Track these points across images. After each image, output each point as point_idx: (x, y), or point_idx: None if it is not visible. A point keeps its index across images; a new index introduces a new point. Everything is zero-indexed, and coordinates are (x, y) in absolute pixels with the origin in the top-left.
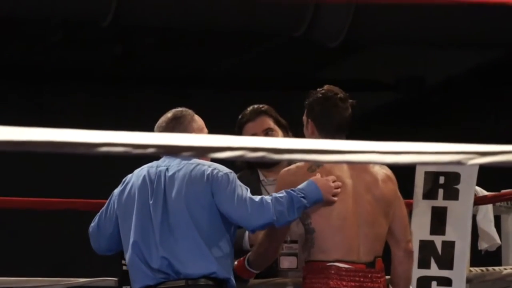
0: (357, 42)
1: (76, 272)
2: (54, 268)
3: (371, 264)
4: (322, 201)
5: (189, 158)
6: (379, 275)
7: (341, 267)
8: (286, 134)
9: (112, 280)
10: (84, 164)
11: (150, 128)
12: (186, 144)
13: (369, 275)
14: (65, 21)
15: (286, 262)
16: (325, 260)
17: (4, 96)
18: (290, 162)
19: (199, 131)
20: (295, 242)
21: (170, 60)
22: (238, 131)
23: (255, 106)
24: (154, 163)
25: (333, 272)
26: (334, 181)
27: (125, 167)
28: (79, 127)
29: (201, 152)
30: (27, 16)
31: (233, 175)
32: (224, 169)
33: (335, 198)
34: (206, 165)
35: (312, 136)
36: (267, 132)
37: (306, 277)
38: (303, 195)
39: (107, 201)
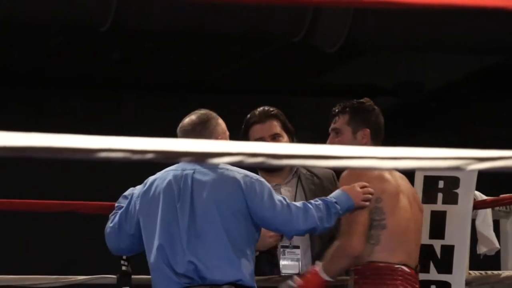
0: (356, 48)
1: (75, 270)
2: (53, 266)
3: (416, 270)
4: (353, 208)
5: None
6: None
7: (406, 271)
8: (291, 140)
9: (111, 277)
10: (84, 166)
11: (149, 133)
12: (185, 149)
13: (417, 281)
14: (64, 27)
15: (289, 268)
16: (391, 262)
17: (3, 101)
18: (292, 167)
19: (223, 134)
20: (297, 247)
21: (169, 65)
22: (245, 131)
23: (265, 108)
24: (180, 166)
25: (400, 275)
26: (362, 187)
27: (125, 169)
28: (77, 131)
29: (200, 157)
30: (26, 22)
31: (264, 181)
32: (254, 175)
33: (367, 203)
34: (236, 171)
35: (363, 146)
36: (275, 137)
37: (369, 277)
38: (335, 201)
39: (127, 202)
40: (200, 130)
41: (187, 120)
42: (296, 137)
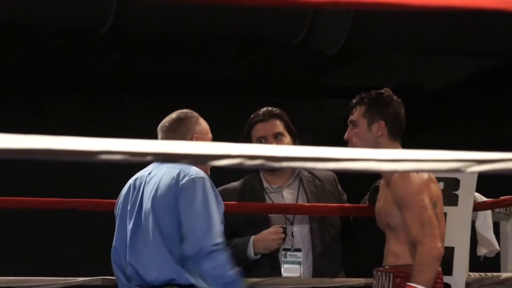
0: (356, 49)
1: (75, 271)
2: (52, 267)
3: None
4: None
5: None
6: None
7: (441, 272)
8: (294, 141)
9: (110, 279)
10: (84, 163)
11: (148, 135)
12: (185, 152)
13: None
14: (64, 28)
15: (290, 271)
16: None
17: (3, 103)
18: (294, 169)
19: (202, 134)
20: (299, 250)
21: (168, 67)
22: (247, 130)
23: (269, 108)
24: (147, 168)
25: (440, 278)
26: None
27: (124, 167)
28: (77, 133)
29: (200, 160)
30: (25, 23)
31: (201, 181)
32: (196, 174)
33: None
34: (178, 169)
35: (380, 138)
36: (277, 137)
37: None
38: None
39: None
40: (176, 128)
41: (166, 118)
42: (298, 138)
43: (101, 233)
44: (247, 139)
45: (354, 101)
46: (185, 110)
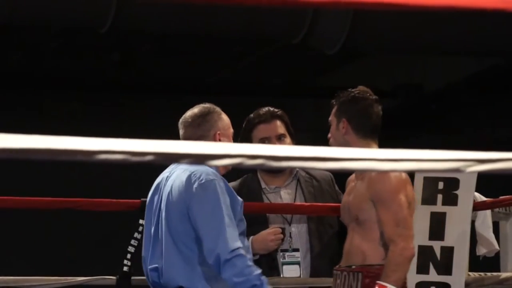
0: (355, 49)
1: (75, 271)
2: (52, 267)
3: None
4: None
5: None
6: None
7: None
8: (292, 142)
9: (110, 279)
10: (84, 163)
11: (148, 135)
12: (185, 151)
13: None
14: (63, 28)
15: (289, 271)
16: None
17: (3, 103)
18: (292, 170)
19: (224, 130)
20: (297, 250)
21: (168, 67)
22: (247, 131)
23: (270, 108)
24: (169, 168)
25: (406, 276)
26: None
27: (124, 167)
28: (77, 133)
29: (200, 159)
30: (25, 24)
31: (212, 184)
32: (204, 176)
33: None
34: (189, 171)
35: (346, 136)
36: (280, 138)
37: None
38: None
39: None
40: (199, 124)
41: (189, 112)
42: (295, 139)
43: (101, 233)
44: (246, 139)
45: (332, 102)
46: (207, 105)
